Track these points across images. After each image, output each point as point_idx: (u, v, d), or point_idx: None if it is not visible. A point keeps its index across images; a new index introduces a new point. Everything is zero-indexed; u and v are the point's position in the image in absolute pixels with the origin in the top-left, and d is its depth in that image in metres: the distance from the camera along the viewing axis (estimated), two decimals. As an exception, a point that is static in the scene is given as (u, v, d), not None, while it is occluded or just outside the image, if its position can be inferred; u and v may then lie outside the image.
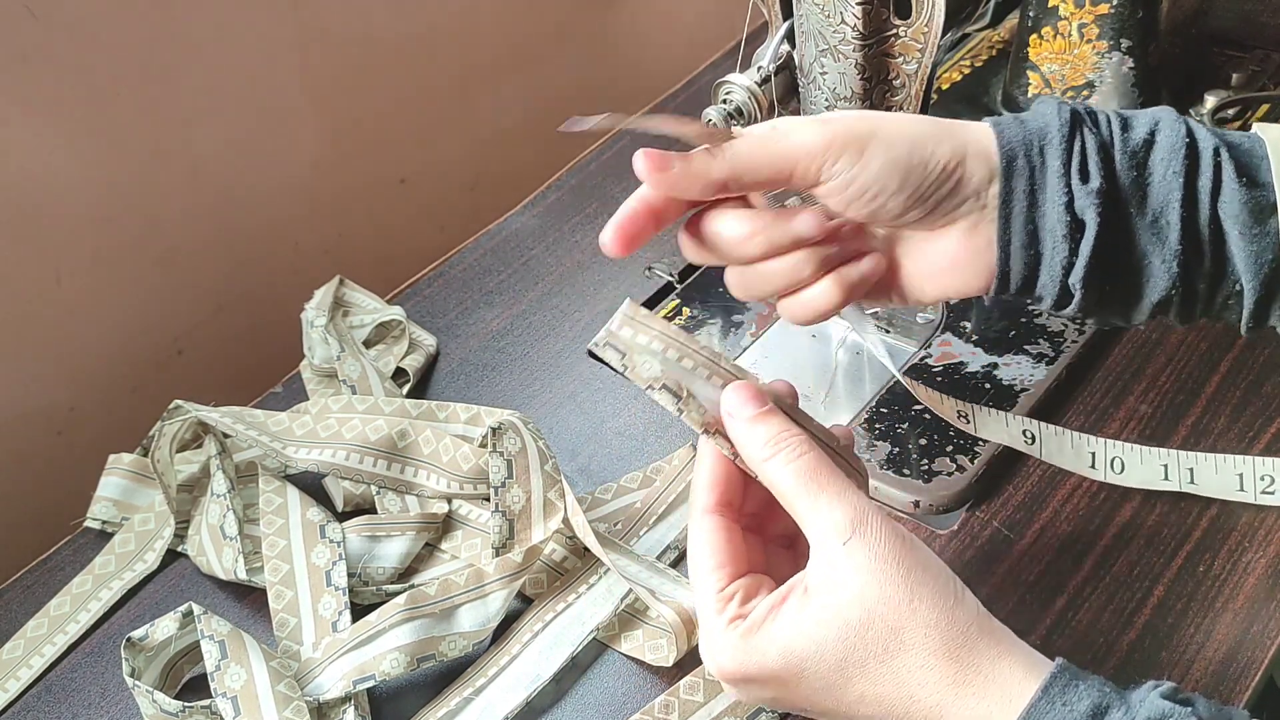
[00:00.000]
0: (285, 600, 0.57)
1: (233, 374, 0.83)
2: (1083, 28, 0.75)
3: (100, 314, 0.75)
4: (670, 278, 0.75)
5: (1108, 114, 0.46)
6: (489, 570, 0.56)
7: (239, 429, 0.62)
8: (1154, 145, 0.45)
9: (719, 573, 0.43)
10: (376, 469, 0.61)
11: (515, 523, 0.58)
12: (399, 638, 0.53)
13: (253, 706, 0.51)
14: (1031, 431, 0.58)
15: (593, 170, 0.85)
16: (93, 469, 0.66)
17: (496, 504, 0.57)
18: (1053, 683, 0.38)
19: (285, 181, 0.83)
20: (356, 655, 0.53)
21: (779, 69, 0.59)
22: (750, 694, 0.44)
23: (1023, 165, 0.45)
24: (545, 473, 0.58)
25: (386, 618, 0.54)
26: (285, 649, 0.56)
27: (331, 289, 0.72)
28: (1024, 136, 0.45)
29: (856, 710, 0.41)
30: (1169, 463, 0.57)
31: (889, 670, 0.39)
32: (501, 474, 0.57)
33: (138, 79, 0.71)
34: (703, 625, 0.43)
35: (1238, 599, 0.52)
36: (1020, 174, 0.45)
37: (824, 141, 0.44)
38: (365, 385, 0.66)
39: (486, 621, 0.55)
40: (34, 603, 0.61)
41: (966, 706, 0.39)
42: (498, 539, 0.57)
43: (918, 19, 0.53)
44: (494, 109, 0.95)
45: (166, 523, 0.63)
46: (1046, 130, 0.45)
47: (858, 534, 0.40)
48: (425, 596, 0.54)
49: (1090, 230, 0.44)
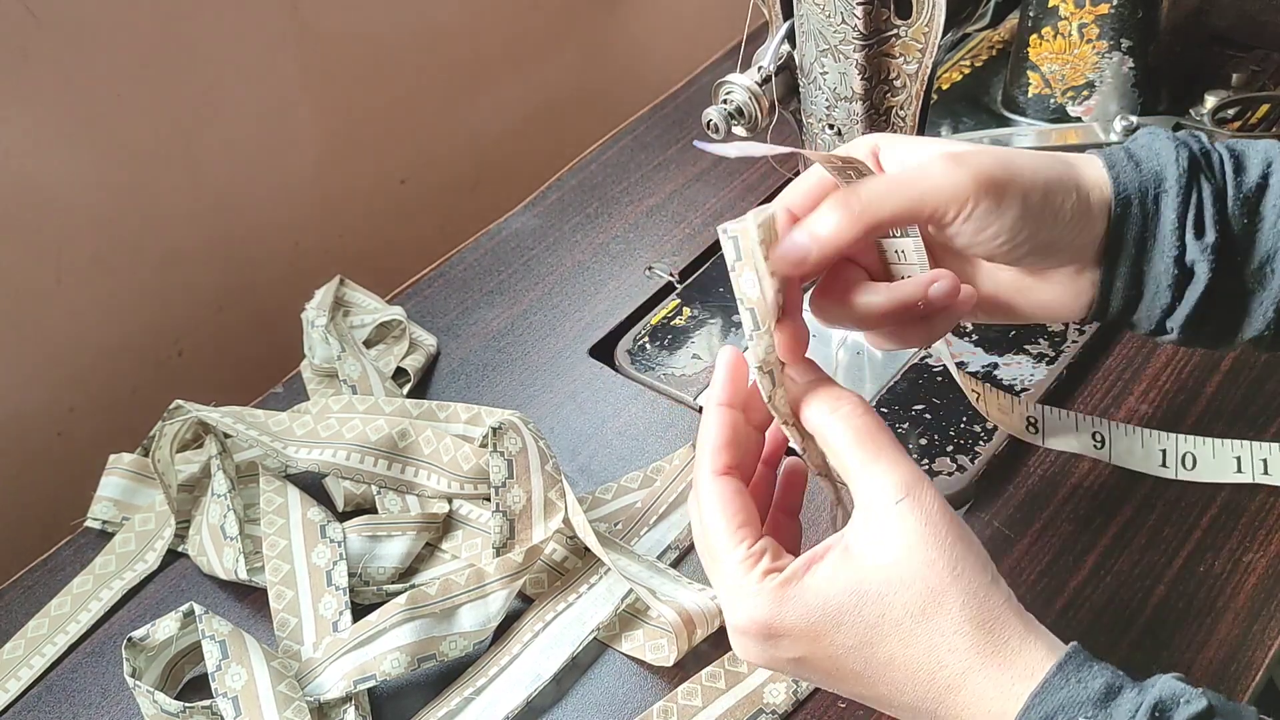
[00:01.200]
0: (286, 600, 0.57)
1: (233, 374, 0.83)
2: (1083, 28, 0.75)
3: (100, 314, 0.75)
4: (670, 278, 0.75)
5: (1220, 152, 0.46)
6: (490, 570, 0.56)
7: (239, 429, 0.62)
8: (1266, 190, 0.45)
9: (743, 531, 0.42)
10: (377, 469, 0.61)
11: (516, 522, 0.58)
12: (399, 638, 0.53)
13: (253, 706, 0.51)
14: (1101, 434, 0.58)
15: (593, 170, 0.85)
16: (93, 469, 0.66)
17: (497, 504, 0.57)
18: (1068, 661, 0.39)
19: (285, 181, 0.83)
20: (357, 655, 0.53)
21: (779, 69, 0.59)
22: (775, 652, 0.42)
23: (1136, 213, 0.45)
24: (546, 472, 0.58)
25: (387, 618, 0.54)
26: (286, 649, 0.56)
27: (332, 289, 0.72)
28: (1139, 182, 0.45)
29: (881, 674, 0.41)
30: (1242, 455, 0.57)
31: (923, 632, 0.40)
32: (502, 474, 0.57)
33: (138, 79, 0.71)
34: (729, 584, 0.42)
35: (1238, 599, 0.52)
36: (1133, 222, 0.45)
37: (966, 186, 0.43)
38: (366, 385, 0.66)
39: (487, 621, 0.55)
40: (34, 603, 0.61)
41: (989, 678, 0.39)
42: (498, 539, 0.57)
43: (918, 19, 0.53)
44: (494, 109, 0.95)
45: (167, 523, 0.63)
46: (1163, 176, 0.45)
47: (911, 496, 0.40)
48: (426, 596, 0.55)
49: (1200, 282, 0.45)
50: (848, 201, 0.43)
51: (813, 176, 0.46)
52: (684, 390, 0.66)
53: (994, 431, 0.60)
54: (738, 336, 0.69)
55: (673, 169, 0.84)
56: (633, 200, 0.82)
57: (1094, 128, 0.76)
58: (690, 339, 0.69)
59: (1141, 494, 0.57)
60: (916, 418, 0.62)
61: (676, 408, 0.66)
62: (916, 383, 0.64)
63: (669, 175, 0.84)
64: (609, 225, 0.80)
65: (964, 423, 0.61)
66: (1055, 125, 0.78)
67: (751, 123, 0.59)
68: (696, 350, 0.69)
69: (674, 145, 0.87)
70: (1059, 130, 0.77)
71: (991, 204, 0.43)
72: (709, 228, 0.78)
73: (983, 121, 0.82)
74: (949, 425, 0.61)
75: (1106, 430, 0.58)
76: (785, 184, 0.80)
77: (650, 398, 0.67)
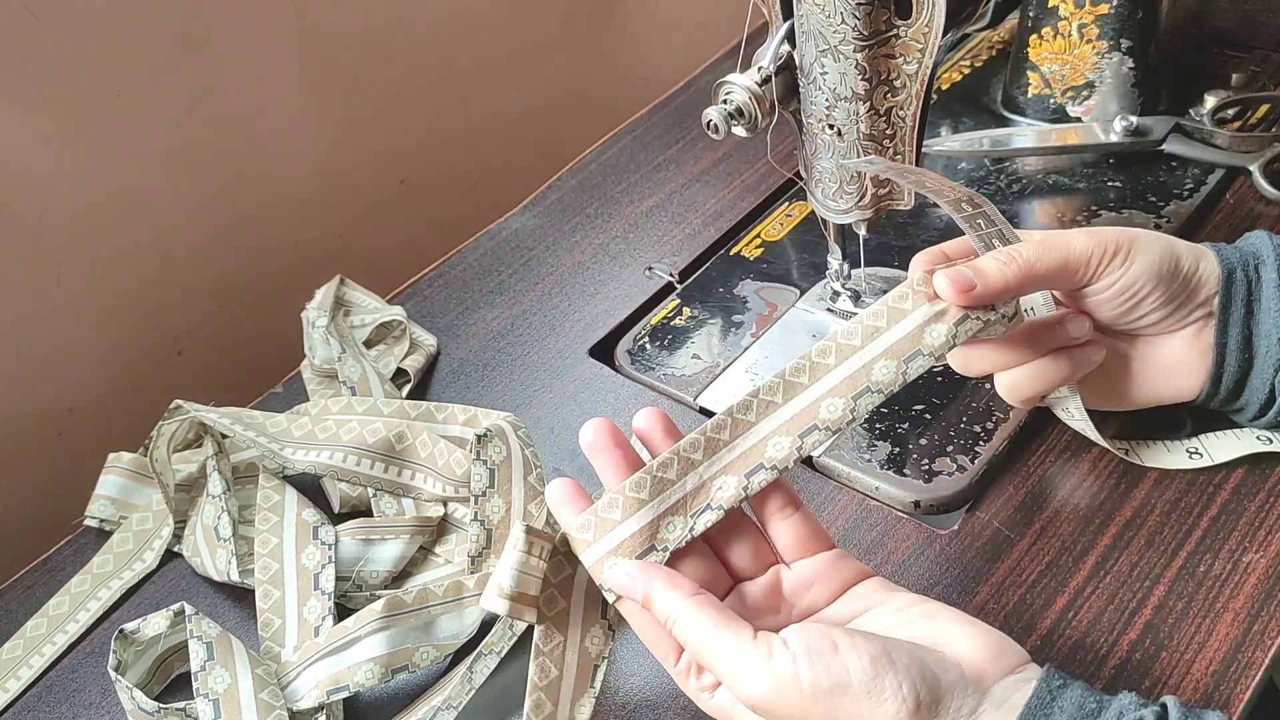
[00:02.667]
0: (272, 600, 0.57)
1: (233, 374, 0.83)
2: (1083, 28, 0.75)
3: (100, 314, 0.75)
4: (670, 278, 0.75)
5: None
6: (468, 584, 0.55)
7: (237, 429, 0.62)
8: None
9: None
10: (374, 471, 0.61)
11: (494, 532, 0.57)
12: (373, 647, 0.53)
13: (234, 711, 0.51)
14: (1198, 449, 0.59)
15: (593, 170, 0.85)
16: (93, 469, 0.66)
17: (475, 512, 0.56)
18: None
19: (285, 182, 0.83)
20: (331, 663, 0.53)
21: (779, 69, 0.59)
22: None
23: (1241, 278, 0.53)
24: (528, 483, 0.57)
25: (363, 624, 0.53)
26: (268, 650, 0.55)
27: (332, 289, 0.72)
28: (1240, 257, 0.53)
29: None
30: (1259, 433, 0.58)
31: None
32: (483, 482, 0.56)
33: (137, 79, 0.71)
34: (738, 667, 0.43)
35: (1238, 599, 0.52)
36: (1239, 285, 0.53)
37: (1101, 242, 0.51)
38: (365, 387, 0.66)
39: (459, 634, 0.54)
40: (34, 602, 0.61)
41: None
42: (474, 547, 0.56)
43: (918, 19, 0.53)
44: (494, 109, 0.95)
45: (165, 522, 0.63)
46: (1260, 252, 0.54)
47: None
48: (403, 604, 0.54)
49: None
50: (1013, 256, 0.50)
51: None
52: (684, 390, 0.66)
53: (994, 431, 0.60)
54: (738, 337, 0.69)
55: (673, 169, 0.84)
56: (633, 200, 0.82)
57: (1094, 128, 0.76)
58: (690, 339, 0.69)
59: (1141, 494, 0.57)
60: (916, 418, 0.62)
61: (676, 408, 0.66)
62: (917, 383, 0.64)
63: (669, 175, 0.84)
64: (609, 225, 0.80)
65: (964, 423, 0.61)
66: (1055, 125, 0.78)
67: (751, 123, 0.59)
68: (696, 350, 0.69)
69: (674, 145, 0.87)
70: (1059, 130, 0.77)
71: (1120, 259, 0.51)
72: (709, 228, 0.78)
73: (982, 122, 0.82)
74: (949, 425, 0.61)
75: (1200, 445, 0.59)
76: (785, 184, 0.81)
77: (650, 398, 0.67)
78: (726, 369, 0.67)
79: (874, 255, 0.69)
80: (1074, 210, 0.73)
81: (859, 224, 0.62)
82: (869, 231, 0.62)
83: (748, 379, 0.66)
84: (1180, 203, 0.72)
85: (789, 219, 0.78)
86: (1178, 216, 0.71)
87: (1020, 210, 0.74)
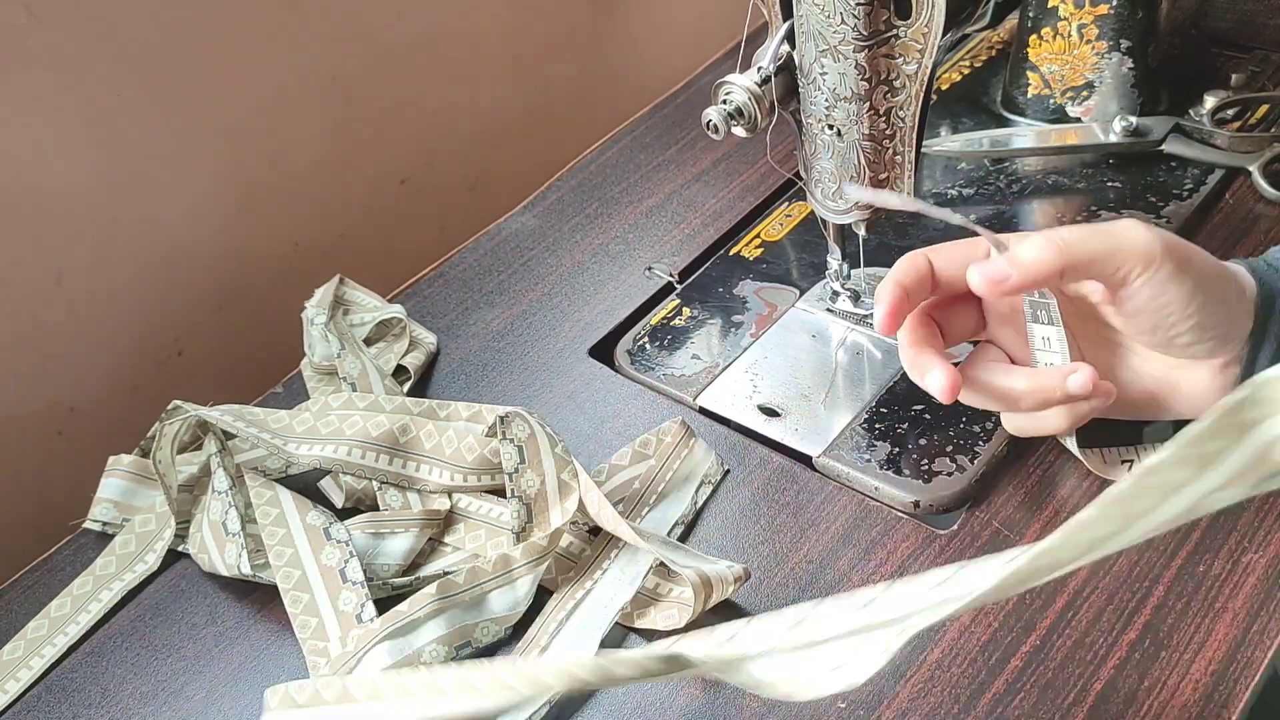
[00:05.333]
0: (303, 604, 0.57)
1: (233, 374, 0.83)
2: (1082, 28, 0.75)
3: (100, 314, 0.75)
4: (670, 278, 0.75)
5: None
6: (515, 555, 0.56)
7: (239, 426, 0.62)
8: None
9: None
10: (379, 464, 0.61)
11: (533, 506, 0.58)
12: (434, 630, 0.54)
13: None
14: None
15: (593, 170, 0.85)
16: (93, 469, 0.66)
17: (512, 489, 0.57)
18: None
19: (285, 181, 0.83)
20: (392, 645, 0.53)
21: (779, 69, 0.59)
22: None
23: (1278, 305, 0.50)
24: (556, 455, 0.58)
25: (419, 607, 0.54)
26: (313, 648, 0.55)
27: (332, 288, 0.72)
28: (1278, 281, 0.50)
29: None
30: None
31: None
32: (514, 459, 0.58)
33: (138, 79, 0.71)
34: None
35: (1238, 599, 0.52)
36: (1277, 315, 0.50)
37: (1157, 247, 0.46)
38: (366, 383, 0.66)
39: (515, 605, 0.55)
40: (34, 603, 0.61)
41: None
42: (516, 523, 0.58)
43: (918, 19, 0.53)
44: (494, 109, 0.95)
45: (167, 524, 0.63)
46: None
47: None
48: (454, 585, 0.55)
49: None
50: (1052, 237, 0.46)
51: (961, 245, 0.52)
52: (684, 390, 0.66)
53: (994, 431, 0.60)
54: (738, 336, 0.69)
55: (672, 169, 0.84)
56: (632, 200, 0.82)
57: (1093, 128, 0.76)
58: (690, 339, 0.69)
59: (1141, 494, 0.57)
60: (916, 418, 0.62)
61: (676, 408, 0.66)
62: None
63: (669, 175, 0.84)
64: (609, 225, 0.80)
65: (964, 423, 0.61)
66: (1055, 125, 0.78)
67: (751, 123, 0.59)
68: (696, 350, 0.69)
69: (674, 145, 0.87)
70: (1058, 130, 0.77)
71: (1174, 270, 0.46)
72: (708, 228, 0.78)
73: (982, 122, 0.82)
74: (949, 425, 0.61)
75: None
76: (784, 184, 0.81)
77: (650, 398, 0.67)
78: (726, 369, 0.67)
79: (873, 255, 0.69)
80: (1074, 210, 0.73)
81: (858, 224, 0.62)
82: (868, 231, 0.63)
83: (747, 379, 0.66)
84: (1180, 203, 0.72)
85: (789, 219, 0.78)
86: (1177, 217, 0.71)
87: (1020, 210, 0.74)
